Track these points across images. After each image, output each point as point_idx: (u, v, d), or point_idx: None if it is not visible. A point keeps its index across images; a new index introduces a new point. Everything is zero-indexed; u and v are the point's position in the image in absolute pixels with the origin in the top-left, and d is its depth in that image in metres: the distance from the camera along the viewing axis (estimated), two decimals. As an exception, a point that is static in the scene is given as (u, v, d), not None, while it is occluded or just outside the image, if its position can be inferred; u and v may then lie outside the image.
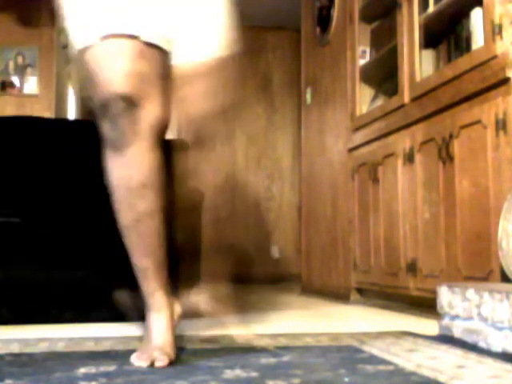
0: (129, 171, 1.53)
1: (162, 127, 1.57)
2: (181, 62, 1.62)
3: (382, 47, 3.35)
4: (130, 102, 1.48)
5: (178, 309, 1.67)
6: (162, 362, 1.48)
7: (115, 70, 1.48)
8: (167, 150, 1.63)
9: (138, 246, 1.58)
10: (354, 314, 2.95)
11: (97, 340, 1.96)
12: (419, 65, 2.88)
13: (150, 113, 1.52)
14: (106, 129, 1.52)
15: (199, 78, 1.62)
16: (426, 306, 2.66)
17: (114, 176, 1.56)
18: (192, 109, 1.65)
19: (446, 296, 2.00)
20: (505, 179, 2.18)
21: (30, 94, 5.21)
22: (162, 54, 1.57)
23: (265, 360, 1.56)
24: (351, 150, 3.60)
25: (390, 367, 1.46)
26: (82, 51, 1.52)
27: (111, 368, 1.48)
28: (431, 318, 2.44)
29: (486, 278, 2.24)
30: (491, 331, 1.74)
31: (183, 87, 1.63)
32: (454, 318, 1.95)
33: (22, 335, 2.09)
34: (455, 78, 2.53)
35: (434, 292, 2.10)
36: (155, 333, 1.56)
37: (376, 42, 3.54)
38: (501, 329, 1.71)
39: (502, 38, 2.26)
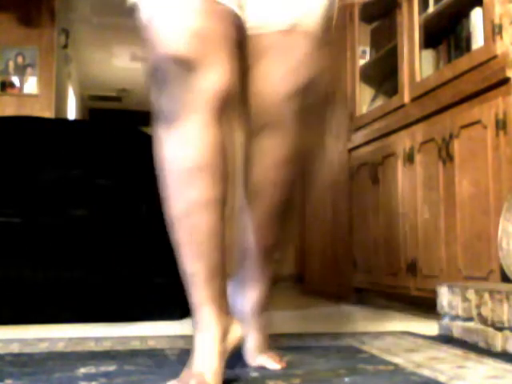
0: (181, 151, 1.26)
1: (226, 98, 1.27)
2: (261, 30, 1.38)
3: (382, 47, 3.35)
4: (188, 66, 1.23)
5: (237, 330, 1.35)
6: None
7: (173, 27, 1.24)
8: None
9: (186, 244, 1.29)
10: (354, 314, 2.95)
11: (97, 340, 1.96)
12: (419, 65, 2.88)
13: (211, 80, 1.24)
14: (159, 100, 1.28)
15: (286, 49, 1.37)
16: (426, 305, 2.66)
17: (164, 157, 1.29)
18: (271, 88, 1.38)
19: (446, 296, 2.00)
20: (505, 179, 2.18)
21: (30, 93, 5.20)
22: (234, 15, 1.31)
23: (265, 360, 1.56)
24: (351, 150, 3.59)
25: (390, 367, 1.46)
26: (142, 9, 1.30)
27: (111, 368, 1.48)
28: (431, 318, 2.44)
29: (485, 278, 2.24)
30: (491, 331, 1.74)
31: (260, 60, 1.38)
32: (454, 318, 1.95)
33: (22, 335, 2.09)
34: (455, 78, 2.53)
35: (434, 292, 2.10)
36: (197, 357, 1.27)
37: (376, 42, 3.54)
38: (501, 329, 1.71)
39: (502, 38, 2.26)
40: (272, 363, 1.44)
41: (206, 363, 1.25)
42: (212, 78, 1.24)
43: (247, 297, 1.53)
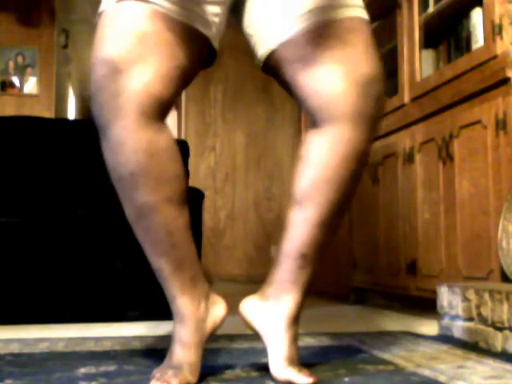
0: (116, 158, 1.26)
1: (156, 101, 1.23)
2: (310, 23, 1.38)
3: (382, 47, 3.35)
4: (114, 67, 1.20)
5: (219, 310, 1.39)
6: None
7: (110, 29, 1.24)
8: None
9: (147, 243, 1.32)
10: (354, 314, 2.95)
11: (97, 340, 1.96)
12: (419, 65, 2.88)
13: (138, 81, 1.21)
14: (94, 107, 1.26)
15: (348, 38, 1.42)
16: (426, 306, 2.66)
17: (107, 165, 1.29)
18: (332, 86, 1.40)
19: (446, 296, 2.00)
20: (505, 179, 2.18)
21: (30, 93, 5.21)
22: (182, 26, 1.27)
23: (265, 360, 1.56)
24: (351, 150, 3.59)
25: (390, 367, 1.46)
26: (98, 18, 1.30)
27: (111, 368, 1.48)
28: (431, 318, 2.44)
29: (486, 278, 2.24)
30: (491, 331, 1.75)
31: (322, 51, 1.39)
32: (454, 317, 1.95)
33: (22, 335, 2.09)
34: (455, 77, 2.53)
35: (434, 292, 2.10)
36: (174, 348, 1.31)
37: (376, 41, 3.53)
38: (501, 329, 1.71)
39: (502, 38, 2.26)
40: (302, 378, 1.29)
41: (183, 355, 1.29)
42: (142, 78, 1.21)
43: (282, 303, 1.41)
